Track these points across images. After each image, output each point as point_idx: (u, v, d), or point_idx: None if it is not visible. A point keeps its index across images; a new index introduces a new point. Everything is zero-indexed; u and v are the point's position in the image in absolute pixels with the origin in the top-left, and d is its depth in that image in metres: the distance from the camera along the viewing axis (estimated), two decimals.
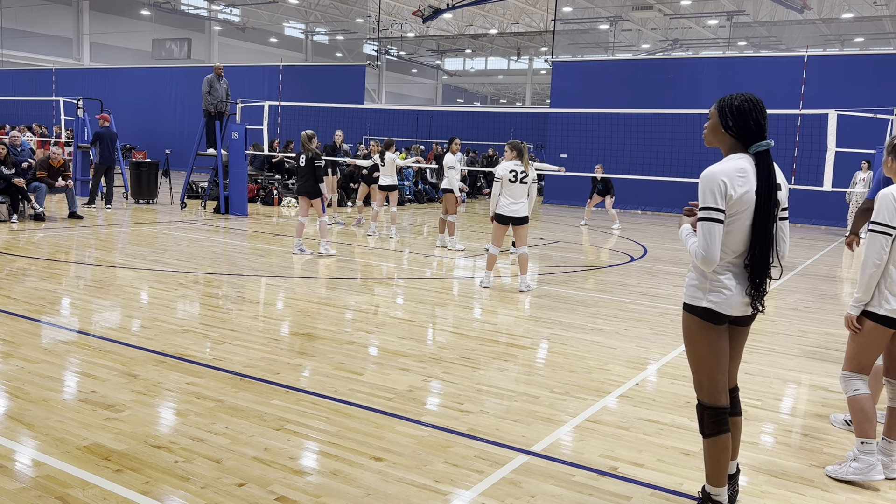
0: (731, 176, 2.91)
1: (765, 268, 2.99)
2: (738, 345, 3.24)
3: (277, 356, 5.43)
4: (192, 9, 42.18)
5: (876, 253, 3.62)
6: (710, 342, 3.07)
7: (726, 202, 2.91)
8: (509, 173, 8.05)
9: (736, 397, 3.33)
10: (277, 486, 3.38)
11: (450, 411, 4.46)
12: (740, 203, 2.92)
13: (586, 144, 19.66)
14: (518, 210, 8.11)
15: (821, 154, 11.73)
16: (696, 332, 3.09)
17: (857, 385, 3.74)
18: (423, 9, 31.34)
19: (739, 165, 2.94)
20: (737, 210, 2.93)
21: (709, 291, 3.03)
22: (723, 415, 3.13)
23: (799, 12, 30.38)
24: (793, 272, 10.63)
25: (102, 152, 14.77)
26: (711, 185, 2.91)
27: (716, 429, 3.12)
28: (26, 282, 7.61)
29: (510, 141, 8.33)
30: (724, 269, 3.02)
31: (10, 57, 36.52)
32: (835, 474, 3.76)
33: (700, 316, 3.06)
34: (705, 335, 3.07)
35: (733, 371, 3.31)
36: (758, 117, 2.95)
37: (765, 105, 3.01)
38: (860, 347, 3.76)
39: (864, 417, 3.70)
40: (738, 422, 3.34)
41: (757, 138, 2.96)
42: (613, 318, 7.24)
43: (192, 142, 16.99)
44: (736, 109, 2.96)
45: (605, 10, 35.55)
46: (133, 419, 4.09)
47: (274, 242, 11.45)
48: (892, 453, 3.85)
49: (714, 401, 3.12)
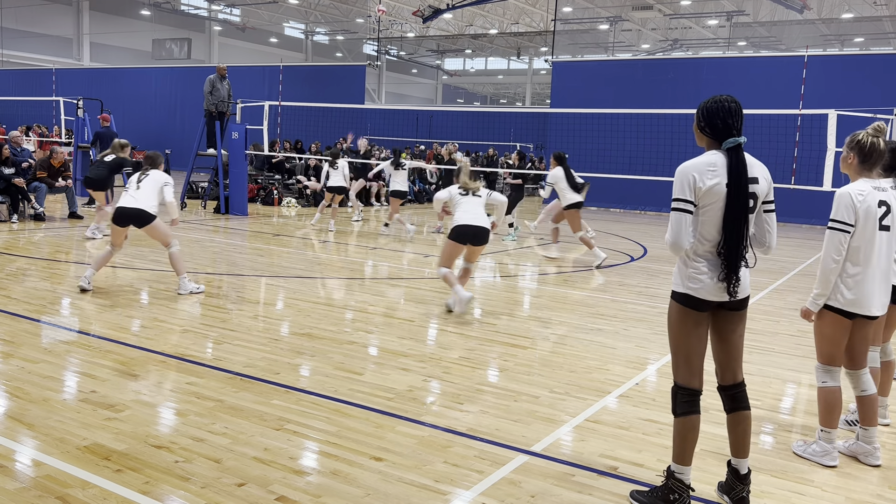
0: (701, 170, 3.16)
1: (736, 256, 3.14)
2: (732, 335, 3.33)
3: (277, 356, 5.42)
4: (192, 9, 42.19)
5: (834, 249, 3.77)
6: (688, 327, 3.26)
7: (696, 194, 3.15)
8: (459, 190, 7.25)
9: (742, 393, 3.38)
10: (277, 486, 3.38)
11: (450, 411, 4.46)
12: (710, 194, 3.14)
13: (586, 144, 19.65)
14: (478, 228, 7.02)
15: (821, 154, 11.71)
16: (676, 316, 3.29)
17: (825, 378, 3.94)
18: (423, 9, 31.36)
19: (710, 160, 3.18)
20: (708, 201, 3.15)
21: (687, 278, 3.24)
22: (695, 396, 3.31)
23: (799, 12, 30.38)
24: (792, 272, 10.62)
25: (100, 151, 14.81)
26: (682, 178, 3.18)
27: (687, 409, 3.29)
28: (26, 282, 7.61)
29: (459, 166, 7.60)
30: (701, 256, 3.22)
31: (10, 57, 36.52)
32: (796, 449, 4.06)
33: (680, 301, 3.27)
34: (684, 320, 3.26)
35: (734, 365, 3.37)
36: (724, 117, 3.17)
37: (740, 106, 3.21)
38: (823, 338, 3.93)
39: (828, 408, 3.92)
40: (746, 416, 3.37)
41: (725, 136, 3.18)
42: (613, 318, 7.24)
43: (192, 142, 16.98)
44: (705, 110, 3.24)
45: (605, 10, 35.56)
46: (133, 419, 4.09)
47: (274, 242, 11.45)
48: (871, 440, 3.97)
49: (688, 383, 3.30)
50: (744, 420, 3.36)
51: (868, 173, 3.88)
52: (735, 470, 3.38)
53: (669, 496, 3.30)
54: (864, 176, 3.88)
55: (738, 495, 3.36)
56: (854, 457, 4.02)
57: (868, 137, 3.87)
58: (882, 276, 3.85)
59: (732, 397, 3.38)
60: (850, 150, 3.94)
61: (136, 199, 7.25)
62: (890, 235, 3.86)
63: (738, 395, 3.38)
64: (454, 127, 27.95)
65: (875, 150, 3.84)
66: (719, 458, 3.91)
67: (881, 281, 3.84)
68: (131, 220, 7.26)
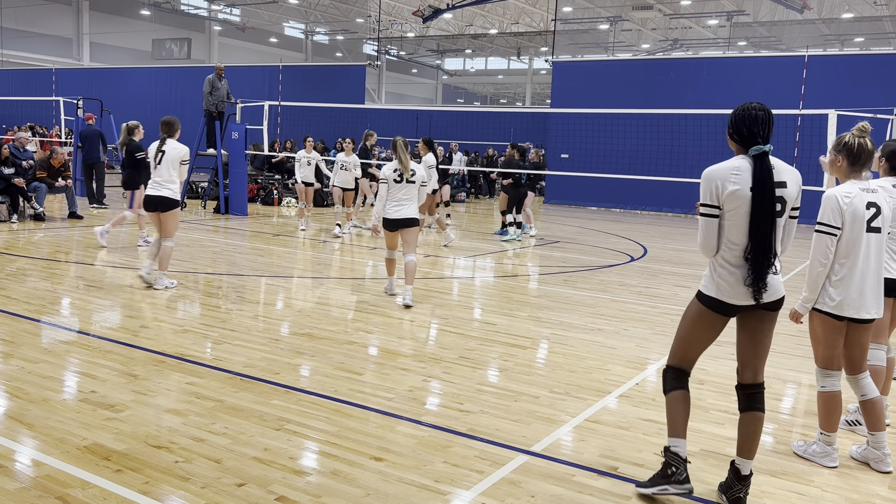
0: (725, 175, 3.22)
1: (762, 260, 3.17)
2: (760, 334, 3.36)
3: (277, 356, 5.42)
4: (192, 9, 42.19)
5: (821, 253, 3.79)
6: (701, 328, 3.40)
7: (721, 198, 3.21)
8: (394, 173, 7.34)
9: (759, 394, 3.40)
10: (277, 486, 3.38)
11: (450, 411, 4.46)
12: (734, 199, 3.19)
13: (586, 144, 19.66)
14: (406, 213, 7.35)
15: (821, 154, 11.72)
16: (695, 313, 3.41)
17: (824, 382, 3.93)
18: (423, 9, 31.34)
19: (735, 164, 3.23)
20: (732, 205, 3.20)
21: (715, 283, 3.31)
22: (683, 375, 3.47)
23: (799, 12, 30.38)
24: (793, 272, 10.62)
25: (85, 150, 14.88)
26: (707, 183, 3.25)
27: (675, 385, 3.47)
28: (26, 282, 7.61)
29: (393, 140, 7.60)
30: (727, 261, 3.27)
31: (10, 57, 36.52)
32: (796, 449, 4.06)
33: (704, 303, 3.35)
34: (701, 320, 3.39)
35: (757, 364, 3.39)
36: (750, 125, 3.23)
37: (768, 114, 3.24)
38: (817, 341, 3.94)
39: (827, 412, 3.92)
40: (758, 418, 3.39)
41: (751, 143, 3.23)
42: (613, 318, 7.24)
43: (192, 142, 16.95)
44: (733, 118, 3.30)
45: (605, 10, 35.56)
46: (133, 419, 4.09)
47: (274, 242, 11.45)
48: (881, 446, 3.93)
49: (679, 364, 3.49)
50: (755, 421, 3.37)
51: (857, 175, 3.88)
52: (737, 470, 3.38)
53: (667, 470, 3.41)
54: (854, 177, 3.88)
55: (734, 495, 3.36)
56: (865, 462, 3.98)
57: (855, 139, 3.87)
58: (872, 278, 3.81)
59: (749, 397, 3.40)
60: (837, 153, 3.94)
61: (159, 186, 7.57)
62: (880, 237, 3.82)
63: (755, 396, 3.39)
64: (454, 127, 27.90)
65: (863, 150, 3.85)
66: (720, 459, 3.91)
67: (871, 283, 3.80)
68: (158, 206, 7.57)
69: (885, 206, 3.84)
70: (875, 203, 3.81)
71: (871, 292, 3.81)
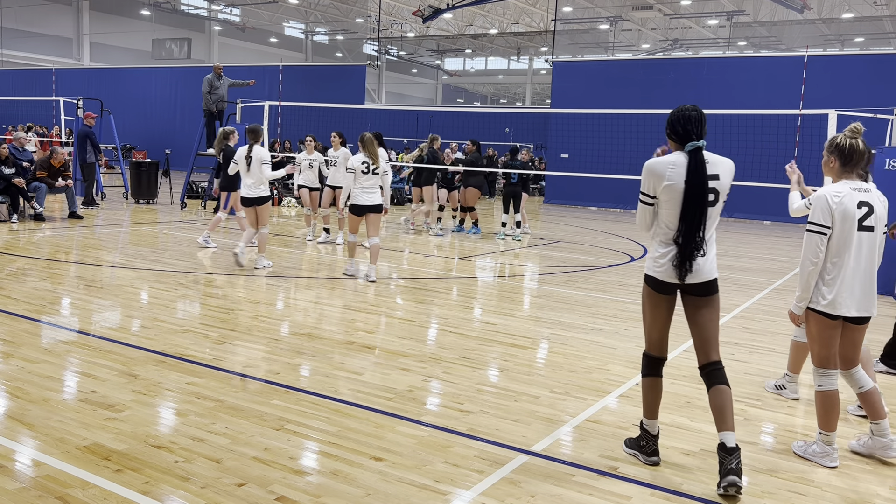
0: (663, 167, 3.58)
1: (689, 244, 3.52)
2: (700, 318, 3.67)
3: (277, 356, 5.43)
4: (192, 9, 42.20)
5: (812, 252, 3.83)
6: (650, 306, 3.75)
7: (657, 190, 3.59)
8: (361, 164, 8.34)
9: (717, 370, 3.65)
10: (277, 486, 3.38)
11: (450, 411, 4.46)
12: (669, 191, 3.55)
13: (587, 144, 19.66)
14: (372, 199, 8.42)
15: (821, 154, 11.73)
16: (644, 292, 3.78)
17: (821, 381, 3.95)
18: (423, 9, 31.34)
19: (672, 160, 3.58)
20: (667, 196, 3.56)
21: (652, 262, 3.69)
22: (657, 363, 3.79)
23: (799, 12, 30.39)
24: (793, 272, 10.62)
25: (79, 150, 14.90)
26: (645, 174, 3.63)
27: (648, 371, 3.81)
28: (26, 282, 7.61)
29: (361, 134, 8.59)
30: (662, 242, 3.65)
31: (10, 57, 36.53)
32: (796, 449, 4.07)
33: (647, 283, 3.73)
34: (649, 299, 3.75)
35: (707, 347, 3.67)
36: (684, 123, 3.57)
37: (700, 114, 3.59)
38: (812, 340, 3.97)
39: (825, 412, 3.93)
40: (723, 390, 3.61)
41: (686, 140, 3.56)
42: (613, 318, 7.24)
43: (192, 142, 16.98)
44: (670, 119, 3.64)
45: (605, 10, 35.58)
46: (133, 419, 4.09)
47: (274, 242, 11.45)
48: (884, 433, 3.97)
49: (650, 351, 3.82)
50: (721, 394, 3.60)
51: (849, 175, 3.90)
52: (723, 444, 3.51)
53: (640, 442, 3.88)
54: (845, 178, 3.90)
55: (727, 466, 3.44)
56: (871, 454, 4.01)
57: (846, 140, 3.91)
58: (865, 278, 3.82)
59: (709, 374, 3.66)
60: (830, 154, 3.98)
61: (251, 188, 8.82)
62: (872, 236, 3.83)
63: (713, 373, 3.64)
64: (454, 127, 27.88)
65: (855, 151, 3.88)
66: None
67: (863, 282, 3.81)
68: (253, 203, 8.88)
69: (878, 206, 3.84)
70: (867, 202, 3.82)
71: (863, 291, 3.82)
